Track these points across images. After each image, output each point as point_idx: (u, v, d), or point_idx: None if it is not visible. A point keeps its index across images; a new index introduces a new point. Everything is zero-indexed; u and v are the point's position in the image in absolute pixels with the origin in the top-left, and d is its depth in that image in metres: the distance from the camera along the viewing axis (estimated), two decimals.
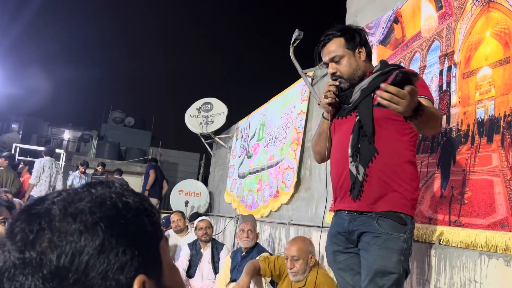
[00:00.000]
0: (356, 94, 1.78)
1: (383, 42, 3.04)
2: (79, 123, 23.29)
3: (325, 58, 1.86)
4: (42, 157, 6.94)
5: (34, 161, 8.01)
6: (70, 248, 0.47)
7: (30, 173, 7.22)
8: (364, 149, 1.69)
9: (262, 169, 5.26)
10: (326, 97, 1.82)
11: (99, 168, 8.48)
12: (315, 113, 4.13)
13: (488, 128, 2.01)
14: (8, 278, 0.47)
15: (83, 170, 8.05)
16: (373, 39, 3.12)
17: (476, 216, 1.94)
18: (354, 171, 1.70)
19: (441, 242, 2.08)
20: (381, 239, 1.62)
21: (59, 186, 7.03)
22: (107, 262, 0.48)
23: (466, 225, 1.98)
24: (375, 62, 2.07)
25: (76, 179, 7.98)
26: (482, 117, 2.06)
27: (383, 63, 1.82)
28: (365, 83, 1.76)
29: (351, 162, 1.72)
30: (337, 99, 1.82)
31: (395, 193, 1.66)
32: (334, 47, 1.81)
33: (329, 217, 3.06)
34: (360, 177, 1.68)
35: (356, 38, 1.80)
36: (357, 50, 1.80)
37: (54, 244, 0.47)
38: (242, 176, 6.03)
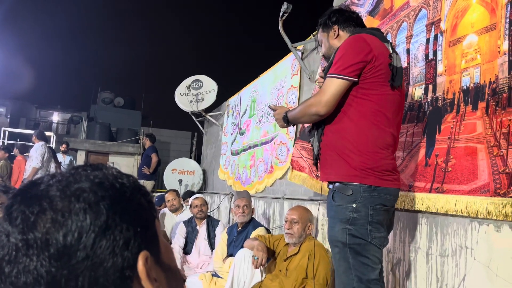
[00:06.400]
0: None
1: (372, 12, 3.01)
2: (68, 104, 22.94)
3: None
4: (34, 142, 6.74)
5: (24, 144, 7.98)
6: (76, 227, 0.47)
7: (23, 156, 7.16)
8: (318, 124, 1.83)
9: (255, 146, 5.27)
10: (318, 83, 2.13)
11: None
12: (306, 87, 4.11)
13: (473, 95, 2.03)
14: (10, 261, 0.46)
15: (64, 149, 8.43)
16: (362, 10, 3.08)
17: (459, 182, 1.99)
18: (312, 146, 1.88)
19: (418, 208, 2.14)
20: (332, 210, 1.74)
21: (53, 169, 7.00)
22: (113, 238, 0.49)
23: (447, 191, 2.04)
24: None
25: (66, 160, 8.20)
26: (468, 85, 2.07)
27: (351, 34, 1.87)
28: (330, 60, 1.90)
29: (310, 138, 1.90)
30: None
31: (343, 162, 1.71)
32: (318, 34, 2.05)
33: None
34: (315, 151, 1.85)
35: (327, 21, 1.97)
36: (331, 31, 1.96)
37: (59, 224, 0.47)
38: (235, 153, 6.05)
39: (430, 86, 2.33)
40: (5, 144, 9.66)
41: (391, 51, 1.73)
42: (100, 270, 0.47)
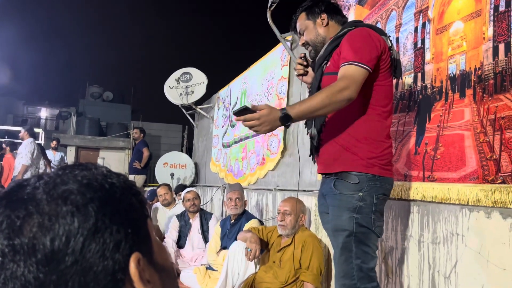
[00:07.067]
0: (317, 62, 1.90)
1: (361, 1, 3.00)
2: (56, 100, 22.56)
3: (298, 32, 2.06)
4: (23, 138, 6.61)
5: (13, 141, 7.85)
6: (64, 231, 0.46)
7: (12, 154, 7.05)
8: None
9: (246, 138, 5.26)
10: (296, 70, 2.07)
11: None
12: (296, 78, 4.09)
13: (460, 83, 2.04)
14: None
15: (54, 145, 8.26)
16: None
17: (447, 170, 2.01)
18: (311, 137, 1.86)
19: (414, 198, 2.16)
20: (336, 199, 1.73)
21: (42, 166, 6.91)
22: (102, 241, 0.47)
23: (438, 179, 2.06)
24: None
25: (56, 156, 8.06)
26: (454, 72, 2.09)
27: (345, 26, 1.84)
28: (322, 51, 1.86)
29: (306, 128, 1.88)
30: (307, 69, 2.04)
31: (347, 154, 1.71)
32: (299, 22, 1.96)
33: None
34: (315, 142, 1.82)
35: (314, 8, 1.91)
36: (318, 19, 1.90)
37: (46, 228, 0.46)
38: (227, 146, 6.03)
39: (419, 75, 2.33)
40: None
41: (389, 45, 1.76)
42: (90, 274, 0.46)
